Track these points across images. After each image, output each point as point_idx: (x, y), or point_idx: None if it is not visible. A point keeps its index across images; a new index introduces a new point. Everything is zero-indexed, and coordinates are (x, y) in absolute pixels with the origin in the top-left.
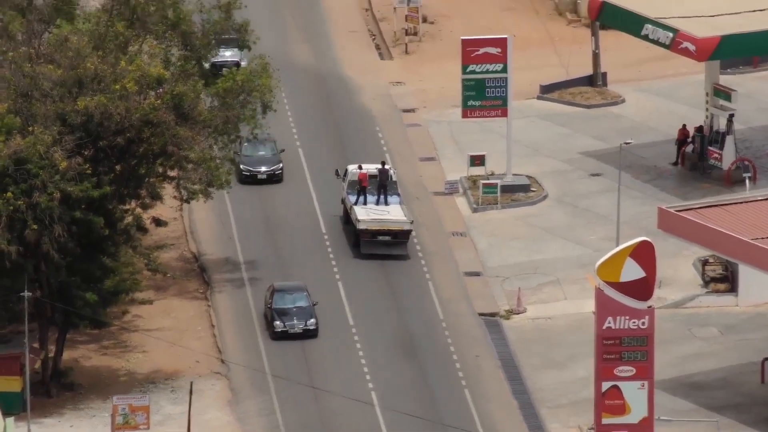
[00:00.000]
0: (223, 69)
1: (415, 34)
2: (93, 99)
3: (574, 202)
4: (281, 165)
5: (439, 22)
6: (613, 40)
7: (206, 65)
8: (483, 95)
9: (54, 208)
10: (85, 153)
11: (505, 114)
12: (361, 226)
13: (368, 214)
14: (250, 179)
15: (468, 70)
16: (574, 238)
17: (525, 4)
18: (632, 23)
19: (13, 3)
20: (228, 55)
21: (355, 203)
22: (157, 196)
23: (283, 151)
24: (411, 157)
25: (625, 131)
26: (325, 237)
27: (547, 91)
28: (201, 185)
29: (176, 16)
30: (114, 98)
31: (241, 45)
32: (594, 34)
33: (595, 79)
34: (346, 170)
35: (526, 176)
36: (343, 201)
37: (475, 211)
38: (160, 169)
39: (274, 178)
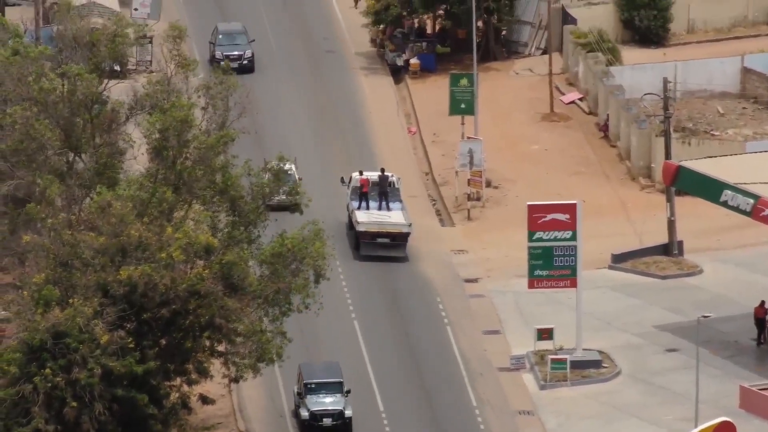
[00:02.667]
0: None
1: (479, 199)
2: (137, 268)
3: (649, 379)
4: None
5: (504, 186)
6: (690, 207)
7: (304, 413)
8: (551, 264)
9: (94, 384)
10: (128, 326)
11: (574, 284)
12: (360, 228)
13: (368, 217)
14: None
15: (535, 238)
16: (650, 417)
17: (595, 168)
18: (710, 189)
19: (52, 167)
20: (329, 402)
21: (358, 208)
22: (204, 372)
23: None
24: (474, 330)
25: (703, 304)
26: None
27: (620, 260)
28: (250, 360)
29: (225, 181)
30: (159, 268)
31: (293, 208)
32: (669, 200)
33: (670, 248)
34: (351, 177)
35: (598, 351)
36: (347, 207)
37: (543, 388)
38: (208, 343)
39: None
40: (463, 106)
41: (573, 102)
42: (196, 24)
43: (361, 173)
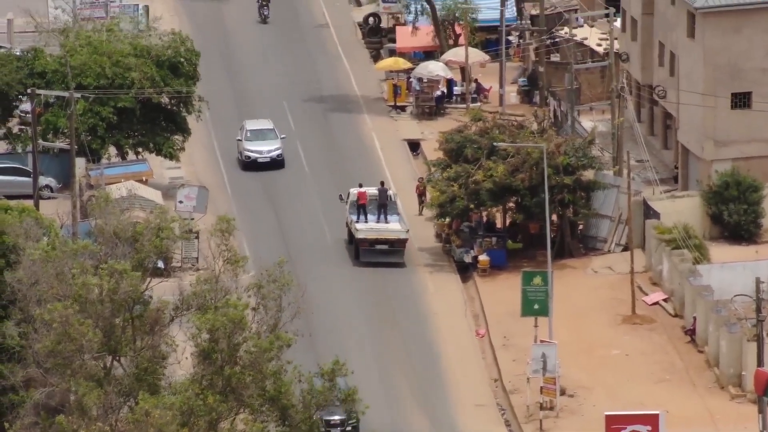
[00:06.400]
0: None
1: (552, 408)
2: None
3: None
4: None
5: (580, 394)
6: None
7: None
8: None
9: None
10: None
11: None
12: (359, 236)
13: (367, 225)
14: None
15: None
16: None
17: (681, 375)
18: None
19: (88, 372)
20: None
21: (356, 221)
22: None
23: None
24: None
25: None
26: None
27: None
28: None
29: (276, 389)
30: None
31: (349, 416)
32: (761, 411)
33: None
34: (349, 193)
35: None
36: (346, 223)
37: None
38: None
39: None
40: (536, 306)
41: (657, 303)
42: (246, 216)
43: (360, 186)
